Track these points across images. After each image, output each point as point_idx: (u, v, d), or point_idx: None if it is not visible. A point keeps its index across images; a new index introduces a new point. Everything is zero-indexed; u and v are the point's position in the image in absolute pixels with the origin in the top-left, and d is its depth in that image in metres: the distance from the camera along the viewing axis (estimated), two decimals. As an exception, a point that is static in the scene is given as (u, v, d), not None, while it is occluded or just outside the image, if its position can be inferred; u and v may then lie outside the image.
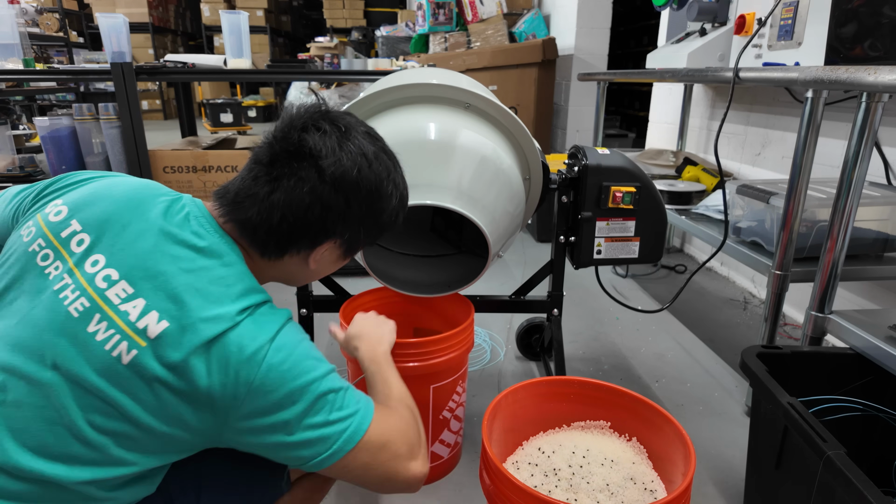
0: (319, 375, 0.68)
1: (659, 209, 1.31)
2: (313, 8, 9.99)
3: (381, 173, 0.76)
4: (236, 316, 0.65)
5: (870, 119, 1.07)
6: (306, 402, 0.66)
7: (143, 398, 0.62)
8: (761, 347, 1.13)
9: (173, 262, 0.66)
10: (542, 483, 0.96)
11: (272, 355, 0.65)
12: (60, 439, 0.61)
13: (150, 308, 0.63)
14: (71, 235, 0.68)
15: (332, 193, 0.72)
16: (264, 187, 0.71)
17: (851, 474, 0.77)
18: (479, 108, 1.16)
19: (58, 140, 2.29)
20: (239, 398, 0.64)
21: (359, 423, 0.70)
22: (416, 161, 1.06)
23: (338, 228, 0.75)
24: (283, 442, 0.67)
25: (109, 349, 0.62)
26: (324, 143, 0.71)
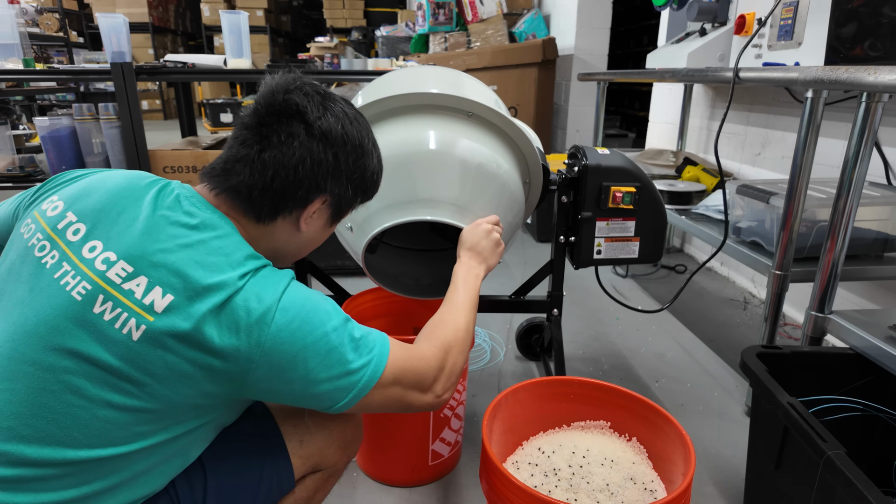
0: (331, 329, 0.70)
1: (659, 209, 1.31)
2: (313, 8, 9.99)
3: (362, 131, 0.80)
4: (238, 280, 0.66)
5: (870, 119, 1.07)
6: (321, 356, 0.68)
7: (157, 372, 0.63)
8: (761, 347, 1.13)
9: (170, 239, 0.67)
10: (542, 483, 0.96)
11: (280, 315, 0.67)
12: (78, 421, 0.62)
13: (154, 284, 0.64)
14: (67, 226, 0.69)
15: (320, 147, 0.74)
16: (254, 147, 0.73)
17: (851, 474, 0.77)
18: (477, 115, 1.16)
19: (58, 140, 2.29)
20: (254, 360, 0.65)
21: (374, 368, 0.72)
22: (415, 174, 1.06)
23: (328, 184, 0.77)
24: (303, 393, 0.69)
25: (119, 327, 0.63)
26: (308, 101, 0.75)
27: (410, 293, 1.23)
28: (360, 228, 1.10)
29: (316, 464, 0.84)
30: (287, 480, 0.81)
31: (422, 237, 1.38)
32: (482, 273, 1.02)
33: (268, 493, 0.79)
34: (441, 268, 1.29)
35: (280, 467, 0.80)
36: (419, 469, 1.25)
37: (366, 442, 1.26)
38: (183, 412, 0.67)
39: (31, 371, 0.62)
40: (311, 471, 0.85)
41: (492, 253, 1.05)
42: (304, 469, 0.83)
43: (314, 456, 0.83)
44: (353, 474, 1.30)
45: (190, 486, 0.73)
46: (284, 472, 0.80)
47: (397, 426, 1.21)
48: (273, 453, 0.80)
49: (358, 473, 1.30)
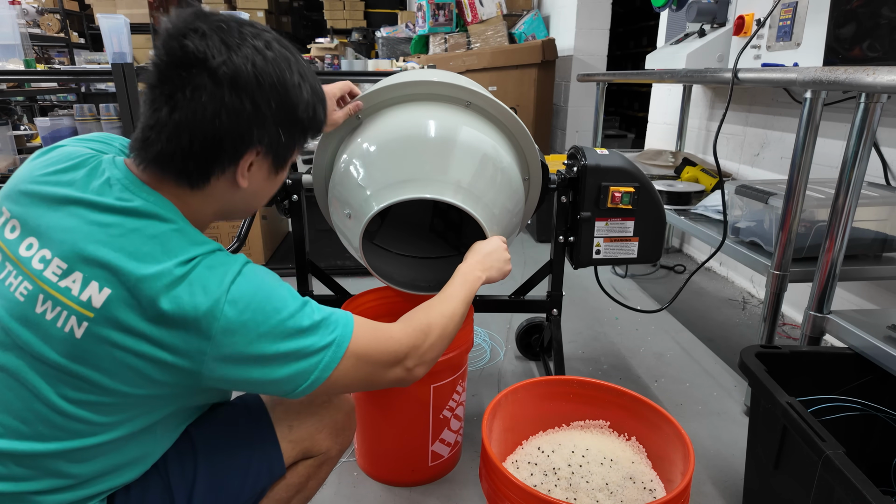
0: (286, 316, 0.67)
1: (658, 209, 1.31)
2: (314, 9, 9.99)
3: (280, 64, 0.70)
4: (176, 268, 0.62)
5: (868, 119, 1.07)
6: (276, 345, 0.66)
7: (107, 367, 0.62)
8: (760, 347, 1.13)
9: (102, 229, 0.64)
10: (542, 482, 0.96)
11: (230, 308, 0.63)
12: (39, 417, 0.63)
13: (89, 279, 0.62)
14: (4, 224, 0.68)
15: (232, 96, 0.66)
16: (163, 109, 0.66)
17: (850, 474, 0.77)
18: (479, 106, 1.17)
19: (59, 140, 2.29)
20: (205, 353, 0.63)
21: (335, 350, 0.70)
22: (417, 156, 1.06)
23: (254, 134, 0.69)
24: (261, 381, 0.67)
25: (61, 326, 0.62)
26: (207, 45, 0.65)
27: (409, 290, 1.23)
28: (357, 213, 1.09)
29: (306, 449, 0.84)
30: (277, 465, 0.81)
31: (421, 243, 1.38)
32: (482, 279, 0.99)
33: (258, 477, 0.79)
34: (441, 272, 1.30)
35: (269, 452, 0.80)
36: (419, 469, 1.25)
37: (366, 442, 1.27)
38: (143, 402, 0.66)
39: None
40: (302, 456, 0.85)
41: (498, 267, 1.02)
42: (295, 454, 0.83)
43: (304, 441, 0.83)
44: (353, 474, 1.30)
45: (181, 469, 0.73)
46: (274, 457, 0.80)
47: (397, 427, 1.21)
48: (263, 437, 0.80)
49: (358, 473, 1.30)
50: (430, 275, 1.28)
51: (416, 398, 1.17)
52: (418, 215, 1.40)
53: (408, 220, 1.37)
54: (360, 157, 1.09)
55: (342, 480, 1.27)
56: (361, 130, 1.14)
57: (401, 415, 1.19)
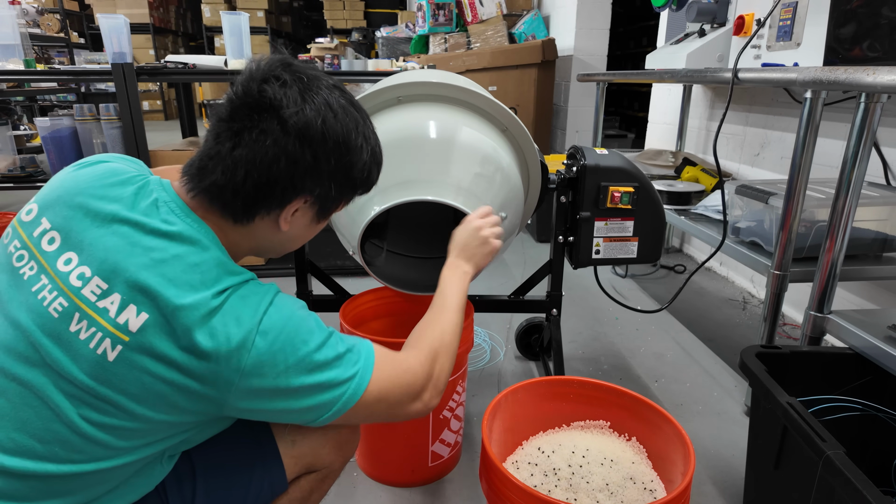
0: (314, 348, 0.68)
1: (657, 209, 1.31)
2: (314, 9, 10.00)
3: (349, 124, 0.72)
4: (213, 299, 0.64)
5: (868, 119, 1.07)
6: (302, 376, 0.67)
7: (134, 392, 0.62)
8: (760, 347, 1.13)
9: (145, 253, 0.64)
10: (542, 483, 0.96)
11: (261, 339, 0.64)
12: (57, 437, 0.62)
13: (128, 302, 0.62)
14: (42, 234, 0.67)
15: (296, 146, 0.68)
16: (226, 144, 0.68)
17: (850, 474, 0.77)
18: (478, 106, 1.17)
19: (59, 140, 2.29)
20: (233, 384, 0.64)
21: (357, 384, 0.71)
22: (417, 157, 1.06)
23: (307, 184, 0.71)
24: (285, 410, 0.68)
25: (94, 347, 0.62)
26: (284, 94, 0.68)
27: (408, 290, 1.23)
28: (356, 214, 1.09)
29: (309, 464, 0.83)
30: (279, 481, 0.80)
31: (421, 243, 1.38)
32: (471, 272, 0.98)
33: (259, 494, 0.78)
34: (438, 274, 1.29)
35: (271, 468, 0.79)
36: (419, 470, 1.25)
37: (366, 443, 1.26)
38: (163, 429, 0.66)
39: (12, 386, 0.62)
40: (304, 471, 0.84)
41: (481, 252, 0.99)
42: (297, 470, 0.82)
43: (307, 456, 0.82)
44: (353, 474, 1.30)
45: (180, 488, 0.72)
46: (276, 473, 0.80)
47: (397, 428, 1.21)
48: (264, 454, 0.79)
49: (358, 474, 1.30)
50: (430, 275, 1.28)
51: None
52: (418, 215, 1.40)
53: (407, 220, 1.37)
54: None
55: (342, 481, 1.27)
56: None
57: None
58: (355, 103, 0.76)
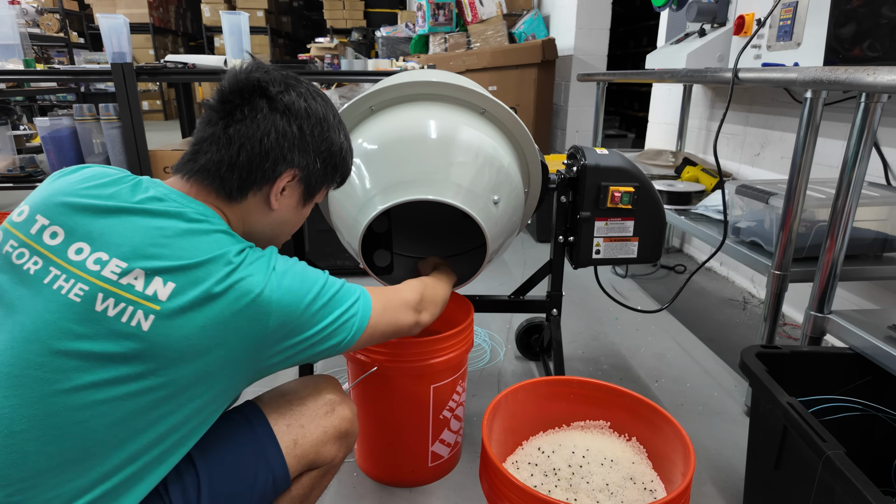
0: (322, 284, 0.78)
1: (658, 209, 1.31)
2: (313, 9, 9.99)
3: (326, 108, 0.83)
4: (235, 256, 0.70)
5: (869, 119, 1.07)
6: (323, 303, 0.76)
7: (173, 354, 0.65)
8: (761, 347, 1.13)
9: (158, 231, 0.68)
10: (542, 483, 0.96)
11: (280, 281, 0.72)
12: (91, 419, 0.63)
13: (153, 275, 0.66)
14: (41, 231, 0.68)
15: (284, 119, 0.77)
16: (218, 125, 0.76)
17: (851, 474, 0.77)
18: (478, 106, 1.17)
19: (58, 140, 2.29)
20: (268, 326, 0.71)
21: (364, 304, 0.83)
22: (417, 157, 1.06)
23: (295, 156, 0.79)
24: (317, 339, 0.76)
25: (127, 321, 0.64)
26: (269, 79, 0.77)
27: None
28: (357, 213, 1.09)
29: (311, 462, 0.84)
30: (282, 481, 0.81)
31: (420, 244, 1.38)
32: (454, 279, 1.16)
33: (262, 495, 0.79)
34: None
35: (275, 468, 0.80)
36: (419, 470, 1.25)
37: (366, 443, 1.26)
38: (198, 387, 0.69)
39: (39, 374, 0.62)
40: (307, 468, 0.84)
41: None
42: (300, 468, 0.83)
43: (309, 454, 0.83)
44: (353, 474, 1.30)
45: (183, 489, 0.72)
46: (280, 473, 0.80)
47: (397, 427, 1.21)
48: (267, 455, 0.80)
49: (358, 474, 1.30)
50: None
51: (416, 398, 1.17)
52: (417, 215, 1.40)
53: (406, 220, 1.37)
54: (360, 158, 1.09)
55: (342, 481, 1.27)
56: (361, 131, 1.14)
57: (401, 415, 1.19)
58: (325, 97, 0.85)
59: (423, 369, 1.12)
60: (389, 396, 1.17)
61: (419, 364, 1.12)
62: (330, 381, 0.91)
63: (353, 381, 1.17)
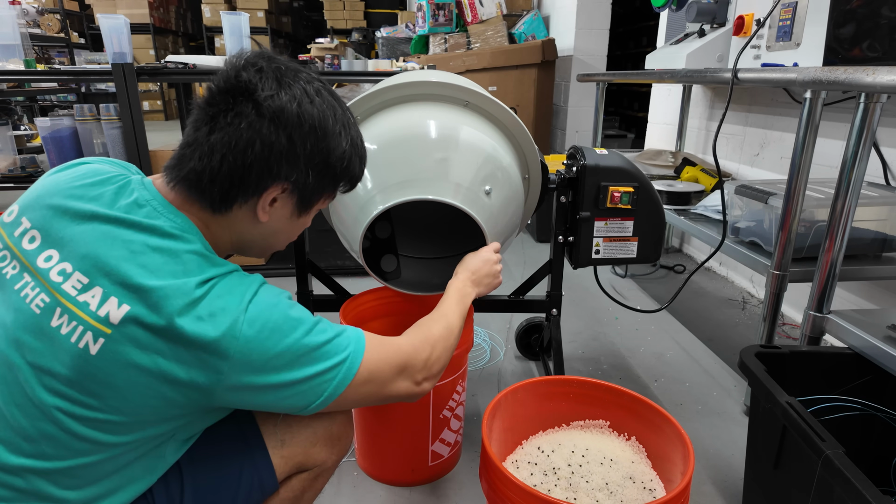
0: (302, 334, 0.68)
1: (657, 209, 1.31)
2: (314, 9, 9.99)
3: (326, 111, 0.72)
4: (197, 289, 0.63)
5: (868, 119, 1.07)
6: (291, 363, 0.67)
7: (119, 385, 0.62)
8: (760, 347, 1.13)
9: (125, 245, 0.64)
10: (542, 482, 0.96)
11: (248, 327, 0.64)
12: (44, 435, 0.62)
13: (108, 295, 0.62)
14: (23, 234, 0.67)
15: (271, 129, 0.68)
16: (203, 129, 0.68)
17: (850, 474, 0.77)
18: (478, 105, 1.17)
19: (59, 140, 2.29)
20: (221, 372, 0.64)
21: (348, 367, 0.71)
22: (417, 157, 1.06)
23: (283, 170, 0.70)
24: (274, 399, 0.68)
25: (76, 341, 0.61)
26: (260, 79, 0.69)
27: (408, 290, 1.23)
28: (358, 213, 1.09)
29: (300, 463, 0.82)
30: (269, 481, 0.79)
31: (420, 244, 1.38)
32: (473, 294, 1.01)
33: (248, 495, 0.77)
34: (440, 273, 1.30)
35: (260, 468, 0.78)
36: (419, 469, 1.25)
37: (366, 442, 1.27)
38: (149, 423, 0.66)
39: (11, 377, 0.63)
40: (295, 470, 0.83)
41: (487, 283, 1.05)
42: (288, 469, 0.81)
43: (297, 455, 0.81)
44: (353, 474, 1.30)
45: (167, 489, 0.72)
46: (265, 473, 0.79)
47: (397, 427, 1.21)
48: (252, 454, 0.78)
49: (358, 473, 1.30)
50: (430, 275, 1.28)
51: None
52: (418, 215, 1.40)
53: (406, 220, 1.37)
54: None
55: (342, 480, 1.27)
56: (362, 131, 1.14)
57: (401, 415, 1.19)
58: (335, 94, 0.76)
59: (423, 369, 1.13)
60: (389, 396, 1.17)
61: (419, 364, 1.12)
62: None
63: None
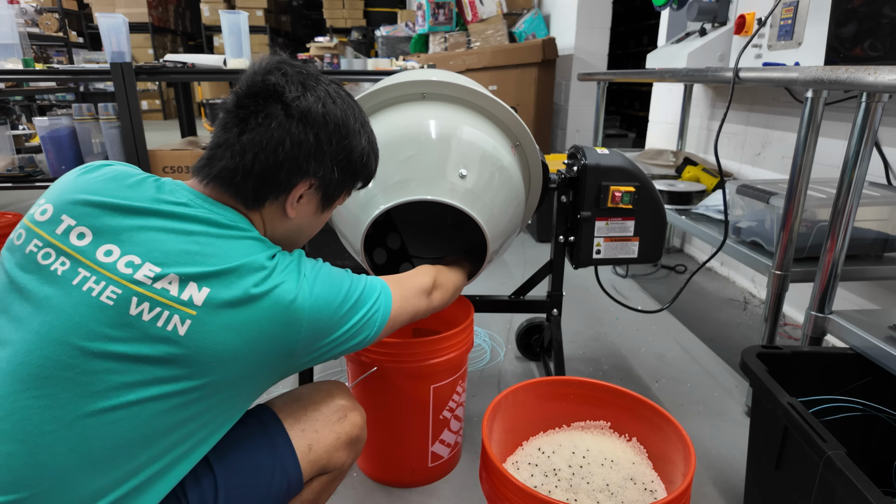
0: (349, 285, 0.79)
1: (658, 209, 1.31)
2: (313, 8, 9.99)
3: (347, 111, 0.79)
4: (267, 261, 0.71)
5: (870, 119, 1.07)
6: (348, 314, 0.77)
7: (207, 358, 0.66)
8: (761, 347, 1.12)
9: (190, 237, 0.68)
10: (542, 483, 0.96)
11: (312, 287, 0.73)
12: (125, 415, 0.64)
13: (187, 280, 0.66)
14: (67, 231, 0.68)
15: (299, 128, 0.74)
16: (233, 130, 0.73)
17: (851, 474, 0.77)
18: (478, 105, 1.16)
19: (57, 140, 2.29)
20: (302, 329, 0.72)
21: (385, 301, 0.84)
22: (417, 156, 1.06)
23: (311, 166, 0.76)
24: (345, 339, 0.78)
25: (163, 325, 0.64)
26: (287, 82, 0.74)
27: None
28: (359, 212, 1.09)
29: (324, 466, 0.85)
30: (296, 484, 0.81)
31: (420, 244, 1.37)
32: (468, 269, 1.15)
33: (277, 498, 0.79)
34: None
35: (290, 472, 0.80)
36: (419, 470, 1.24)
37: (366, 443, 1.26)
38: (230, 385, 0.69)
39: (70, 376, 0.62)
40: (318, 473, 0.85)
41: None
42: (313, 472, 0.84)
43: (322, 459, 0.84)
44: (353, 474, 1.30)
45: (200, 492, 0.72)
46: (294, 477, 0.80)
47: (397, 428, 1.20)
48: (282, 459, 0.80)
49: (358, 474, 1.30)
50: None
51: (416, 399, 1.16)
52: (418, 215, 1.40)
53: (408, 220, 1.37)
54: None
55: (342, 481, 1.27)
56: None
57: (401, 416, 1.19)
58: (352, 97, 0.83)
59: (423, 369, 1.12)
60: (389, 397, 1.17)
61: (419, 364, 1.12)
62: (341, 387, 0.92)
63: (354, 382, 1.17)
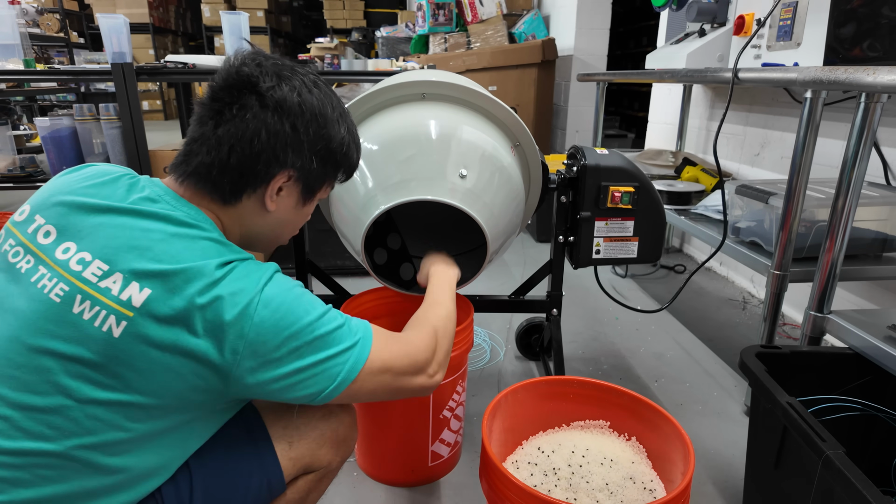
0: (315, 318, 0.70)
1: (658, 209, 1.31)
2: (313, 9, 9.99)
3: (324, 100, 0.77)
4: (216, 270, 0.66)
5: (868, 119, 1.07)
6: (305, 346, 0.68)
7: (141, 367, 0.63)
8: (760, 347, 1.13)
9: (144, 233, 0.66)
10: (542, 482, 0.96)
11: (263, 309, 0.66)
12: (67, 420, 0.63)
13: (130, 280, 0.64)
14: (36, 230, 0.69)
15: (275, 118, 0.72)
16: (209, 124, 0.72)
17: (850, 474, 0.77)
18: (478, 105, 1.17)
19: (58, 140, 2.29)
20: (238, 352, 0.65)
21: (359, 352, 0.73)
22: (417, 156, 1.06)
23: (288, 157, 0.74)
24: (289, 383, 0.69)
25: (99, 325, 0.63)
26: (260, 72, 0.73)
27: (411, 291, 1.23)
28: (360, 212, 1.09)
29: (307, 465, 0.83)
30: (277, 483, 0.80)
31: (420, 243, 1.38)
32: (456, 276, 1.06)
33: (257, 496, 0.78)
34: None
35: (269, 470, 0.79)
36: (419, 470, 1.25)
37: (366, 442, 1.26)
38: (169, 409, 0.67)
39: (19, 374, 0.63)
40: (302, 472, 0.83)
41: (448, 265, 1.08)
42: (295, 471, 0.82)
43: (304, 458, 0.82)
44: (353, 474, 1.30)
45: (176, 490, 0.72)
46: (273, 475, 0.79)
47: (397, 427, 1.21)
48: (261, 456, 0.79)
49: (358, 473, 1.30)
50: None
51: (416, 398, 1.17)
52: (418, 214, 1.40)
53: (409, 220, 1.37)
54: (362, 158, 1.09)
55: (342, 480, 1.27)
56: (362, 131, 1.14)
57: (401, 415, 1.19)
58: (329, 87, 0.80)
59: (423, 369, 1.12)
60: (389, 396, 1.17)
61: (419, 364, 1.12)
62: None
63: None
